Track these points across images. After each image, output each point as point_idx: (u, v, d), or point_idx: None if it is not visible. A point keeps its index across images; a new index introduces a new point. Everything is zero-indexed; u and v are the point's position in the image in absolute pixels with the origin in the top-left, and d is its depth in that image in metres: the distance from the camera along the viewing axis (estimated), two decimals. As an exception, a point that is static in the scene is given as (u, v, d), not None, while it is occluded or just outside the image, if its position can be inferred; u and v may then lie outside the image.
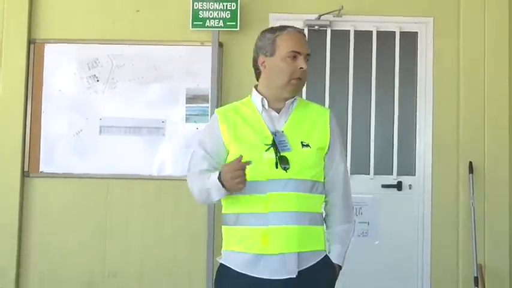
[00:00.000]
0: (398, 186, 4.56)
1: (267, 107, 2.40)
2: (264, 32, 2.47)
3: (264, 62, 2.41)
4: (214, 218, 4.31)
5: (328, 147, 2.40)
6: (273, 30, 2.44)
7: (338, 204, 2.43)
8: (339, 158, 2.44)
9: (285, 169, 2.27)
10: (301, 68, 2.35)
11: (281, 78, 2.36)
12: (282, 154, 2.29)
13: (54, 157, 4.55)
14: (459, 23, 4.57)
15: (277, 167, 2.28)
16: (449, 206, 4.50)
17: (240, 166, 2.16)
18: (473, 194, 4.36)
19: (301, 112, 2.43)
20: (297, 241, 2.28)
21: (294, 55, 2.35)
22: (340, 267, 2.40)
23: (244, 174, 2.16)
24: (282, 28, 2.43)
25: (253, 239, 2.28)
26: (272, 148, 2.30)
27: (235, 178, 2.16)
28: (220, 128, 2.40)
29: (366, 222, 4.54)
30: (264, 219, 2.26)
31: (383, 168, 4.61)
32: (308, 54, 2.40)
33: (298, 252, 2.27)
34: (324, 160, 2.40)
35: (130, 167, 4.55)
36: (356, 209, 4.49)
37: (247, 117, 2.41)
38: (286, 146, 2.31)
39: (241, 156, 2.18)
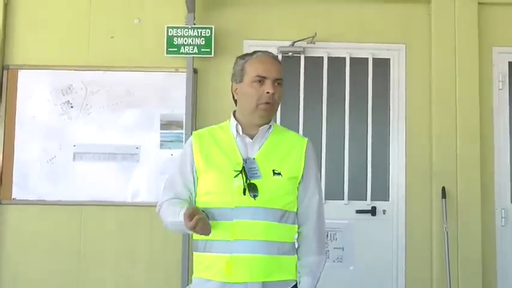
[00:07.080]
0: (373, 211, 4.58)
1: (241, 132, 2.37)
2: (237, 58, 2.45)
3: (236, 88, 2.40)
4: (189, 245, 4.29)
5: (302, 177, 2.36)
6: (244, 56, 2.43)
7: (310, 236, 2.38)
8: (313, 189, 2.40)
9: (254, 197, 2.24)
10: (267, 92, 2.31)
11: (249, 103, 2.34)
12: (251, 181, 2.25)
13: (27, 184, 4.50)
14: (430, 50, 4.63)
15: (244, 194, 2.24)
16: (423, 230, 4.53)
17: (207, 231, 2.17)
18: (446, 218, 4.40)
19: (276, 139, 2.40)
20: (263, 270, 2.24)
21: (260, 79, 2.32)
22: None
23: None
24: (252, 53, 2.41)
25: (218, 266, 2.26)
26: (241, 175, 2.26)
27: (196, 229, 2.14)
28: (193, 150, 2.38)
29: (340, 248, 4.55)
30: (229, 247, 2.24)
31: (357, 193, 4.63)
32: (278, 79, 2.35)
33: (263, 282, 2.24)
34: (298, 190, 2.36)
35: (104, 194, 4.51)
36: (331, 234, 4.51)
37: (221, 141, 2.39)
38: (256, 173, 2.27)
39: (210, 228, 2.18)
